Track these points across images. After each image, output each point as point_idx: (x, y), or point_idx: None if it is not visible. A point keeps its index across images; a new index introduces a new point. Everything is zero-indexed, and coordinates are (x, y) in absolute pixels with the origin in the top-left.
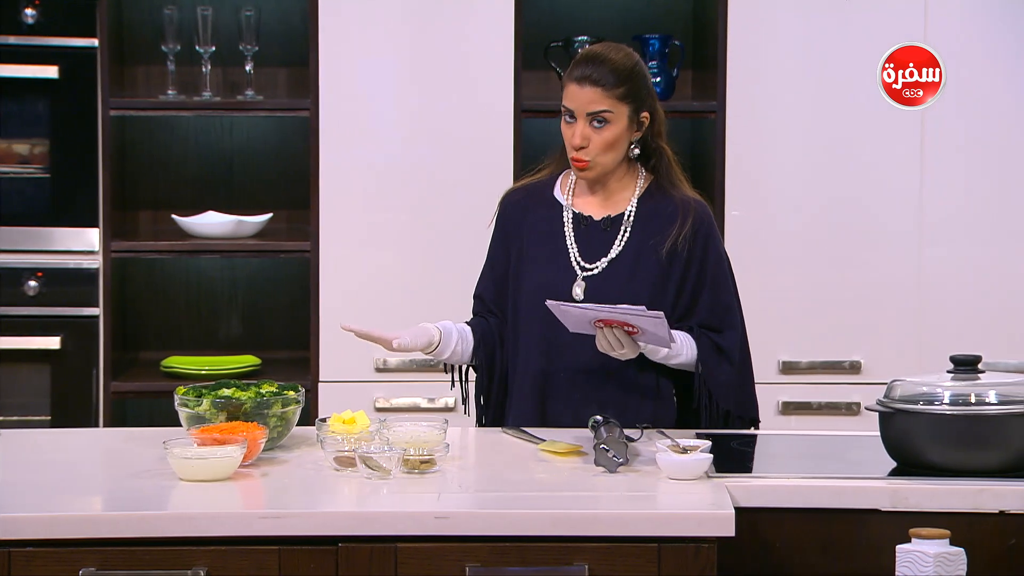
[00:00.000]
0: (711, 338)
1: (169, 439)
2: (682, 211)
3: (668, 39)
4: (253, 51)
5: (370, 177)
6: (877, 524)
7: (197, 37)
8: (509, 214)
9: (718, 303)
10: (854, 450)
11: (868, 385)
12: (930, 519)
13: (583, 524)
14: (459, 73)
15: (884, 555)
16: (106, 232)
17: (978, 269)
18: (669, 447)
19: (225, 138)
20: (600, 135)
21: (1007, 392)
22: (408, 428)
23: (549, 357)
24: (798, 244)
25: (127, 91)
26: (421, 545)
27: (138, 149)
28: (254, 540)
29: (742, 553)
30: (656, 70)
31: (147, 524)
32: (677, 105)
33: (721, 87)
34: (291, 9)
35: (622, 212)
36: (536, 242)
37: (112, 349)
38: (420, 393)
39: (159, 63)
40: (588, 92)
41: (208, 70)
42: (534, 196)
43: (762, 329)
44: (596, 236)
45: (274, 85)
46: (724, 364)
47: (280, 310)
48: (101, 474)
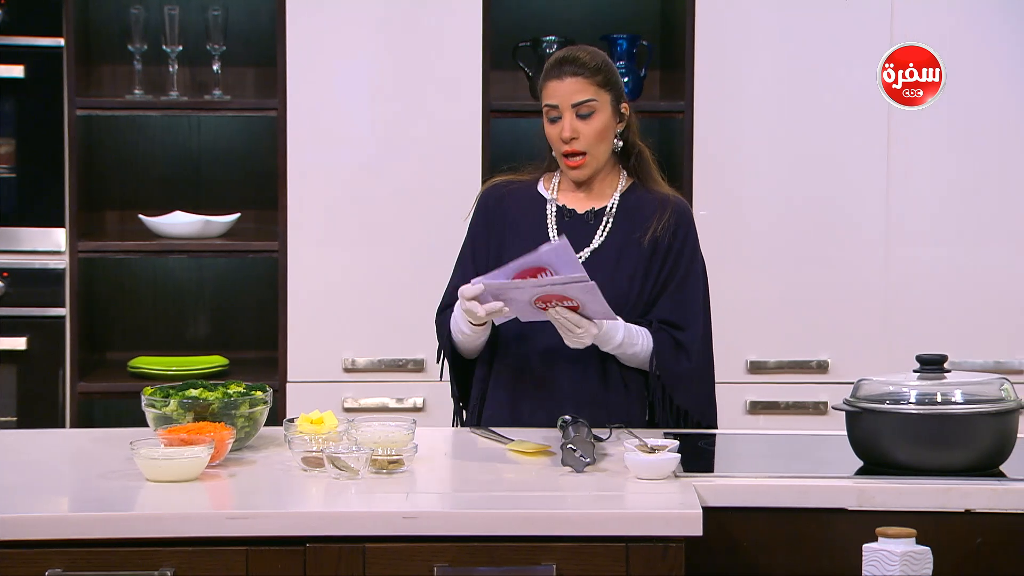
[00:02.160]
0: (670, 333)
1: (136, 440)
2: (663, 204)
3: (636, 39)
4: (220, 51)
5: (338, 177)
6: (844, 523)
7: (164, 37)
8: (491, 206)
9: (683, 299)
10: (821, 449)
11: (835, 384)
12: (896, 518)
13: (551, 524)
14: (427, 73)
15: (851, 554)
16: (73, 232)
17: (945, 270)
18: (637, 447)
19: (192, 138)
20: (589, 126)
21: (973, 391)
22: (376, 428)
23: (524, 352)
24: (766, 244)
25: (94, 91)
26: (389, 545)
27: (105, 149)
28: (222, 541)
29: (710, 552)
30: (624, 70)
31: (114, 525)
32: (645, 105)
33: (689, 87)
34: (259, 9)
35: (605, 205)
36: (518, 234)
37: (79, 349)
38: (388, 393)
39: (126, 63)
40: (570, 83)
41: (175, 70)
42: (516, 190)
43: (730, 329)
44: (579, 228)
45: (242, 85)
46: (682, 359)
47: (248, 310)
48: (68, 475)
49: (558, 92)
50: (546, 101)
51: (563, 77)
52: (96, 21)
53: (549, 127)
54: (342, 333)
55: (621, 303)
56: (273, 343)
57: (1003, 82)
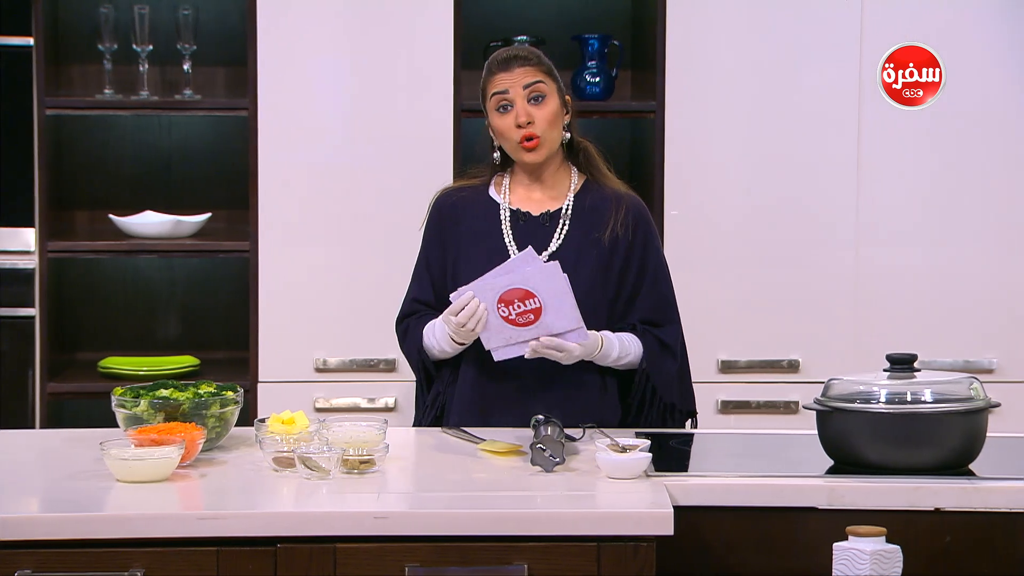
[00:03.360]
0: (654, 334)
1: (106, 440)
2: (618, 201)
3: (607, 39)
4: (191, 50)
5: (309, 177)
6: (814, 522)
7: (134, 36)
8: (444, 214)
9: (660, 297)
10: (792, 449)
11: (806, 384)
12: (867, 517)
13: (523, 524)
14: (398, 73)
15: (821, 553)
16: (42, 232)
17: (914, 270)
18: (608, 446)
19: (163, 137)
20: (542, 110)
21: (942, 390)
22: (347, 428)
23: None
24: (737, 244)
25: (63, 90)
26: (360, 545)
27: (75, 148)
28: (192, 541)
29: (681, 552)
30: (595, 70)
31: (84, 526)
32: (616, 105)
33: (660, 87)
34: (229, 8)
35: (560, 207)
36: (473, 242)
37: (48, 350)
38: (360, 393)
39: (95, 62)
40: (519, 72)
41: (145, 69)
42: (468, 197)
43: (701, 328)
44: (535, 232)
45: (212, 84)
46: (668, 360)
47: (219, 310)
48: (37, 475)
49: (506, 79)
50: (494, 90)
51: (511, 68)
52: (65, 20)
53: (500, 119)
54: (313, 333)
55: (584, 303)
56: (244, 343)
57: (972, 84)
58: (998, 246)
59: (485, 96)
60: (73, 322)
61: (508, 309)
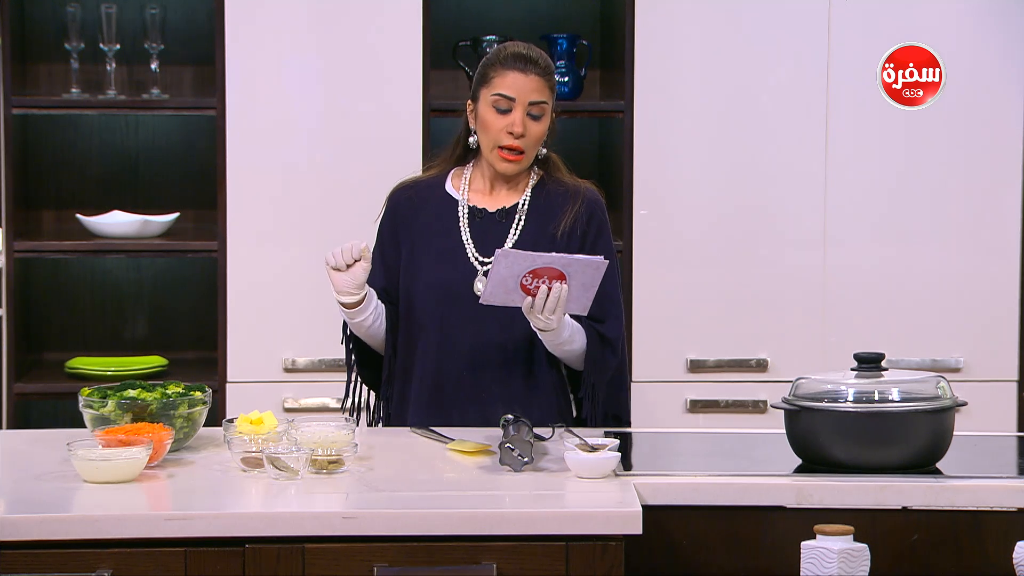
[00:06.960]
0: (596, 328)
1: (73, 441)
2: (574, 193)
3: (576, 39)
4: (159, 49)
5: (277, 176)
6: (782, 521)
7: (101, 35)
8: (400, 210)
9: (603, 293)
10: (760, 447)
11: (774, 383)
12: (834, 515)
13: (491, 523)
14: (367, 72)
15: (789, 552)
16: (9, 232)
17: (881, 269)
18: (577, 445)
19: (130, 137)
20: (536, 128)
21: (909, 389)
22: (316, 428)
23: (448, 356)
24: (705, 243)
25: (30, 89)
26: (329, 545)
27: (41, 148)
28: (160, 542)
29: (649, 551)
30: (564, 70)
31: (50, 526)
32: (585, 105)
33: (629, 87)
34: (197, 7)
35: (516, 202)
36: (430, 238)
37: (15, 350)
38: (329, 393)
39: (62, 61)
40: (534, 81)
41: (113, 68)
42: (424, 192)
43: (670, 327)
44: (491, 228)
45: (180, 84)
46: (608, 355)
47: (187, 310)
48: (3, 476)
49: (519, 86)
50: (500, 91)
51: (528, 73)
52: (32, 19)
53: (494, 116)
54: (282, 333)
55: None
56: (212, 343)
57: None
58: (965, 246)
59: (485, 81)
60: (40, 322)
61: (534, 280)
